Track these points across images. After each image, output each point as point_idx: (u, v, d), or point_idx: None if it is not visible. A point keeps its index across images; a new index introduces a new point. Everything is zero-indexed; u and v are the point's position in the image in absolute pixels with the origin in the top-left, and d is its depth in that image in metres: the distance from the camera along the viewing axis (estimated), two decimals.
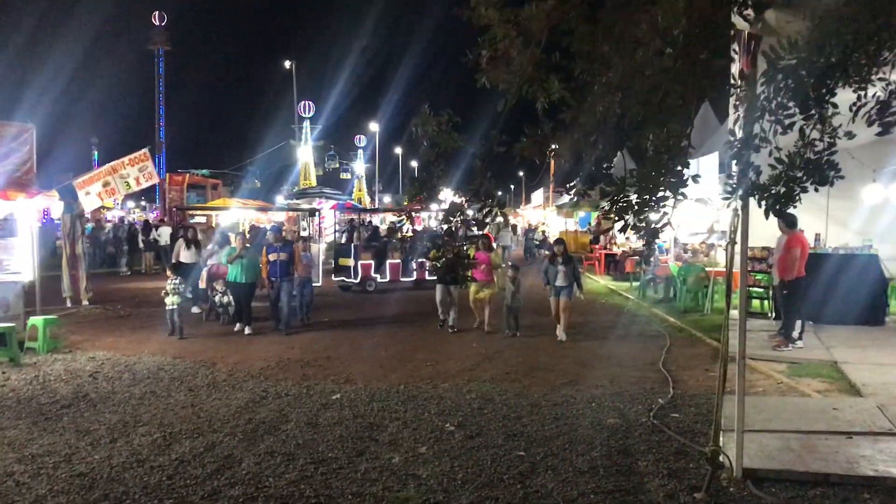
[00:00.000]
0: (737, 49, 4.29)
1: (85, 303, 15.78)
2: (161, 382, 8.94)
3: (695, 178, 3.27)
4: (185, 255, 14.53)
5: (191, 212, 27.31)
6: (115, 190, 12.96)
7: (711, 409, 7.46)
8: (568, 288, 12.11)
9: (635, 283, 18.93)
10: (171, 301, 12.05)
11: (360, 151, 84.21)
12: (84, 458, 6.21)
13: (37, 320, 11.01)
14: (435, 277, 13.87)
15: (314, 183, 59.43)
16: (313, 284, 14.80)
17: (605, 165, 3.18)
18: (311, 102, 67.86)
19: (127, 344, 11.54)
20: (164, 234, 25.50)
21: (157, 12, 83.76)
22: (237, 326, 12.67)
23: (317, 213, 26.06)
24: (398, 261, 19.59)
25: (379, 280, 19.29)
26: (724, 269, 14.12)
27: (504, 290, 12.68)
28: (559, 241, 13.25)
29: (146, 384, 8.86)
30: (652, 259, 17.37)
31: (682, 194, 3.25)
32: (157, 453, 6.34)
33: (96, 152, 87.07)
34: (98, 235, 26.92)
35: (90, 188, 12.96)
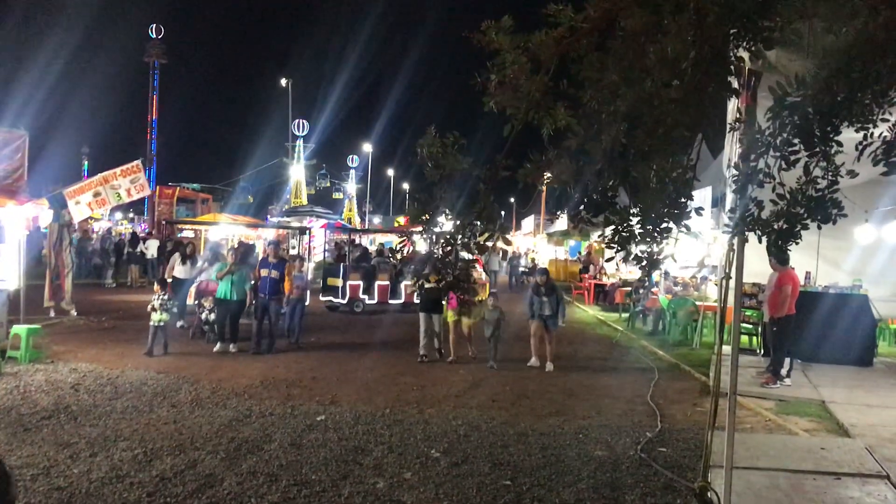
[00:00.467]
0: (738, 85, 4.30)
1: (73, 313, 15.63)
2: (143, 397, 8.81)
3: (698, 210, 3.27)
4: (179, 270, 14.41)
5: (180, 225, 27.16)
6: (105, 200, 12.87)
7: (699, 444, 7.44)
8: (553, 318, 11.96)
9: (624, 315, 18.93)
10: (157, 318, 11.72)
11: (352, 172, 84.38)
12: (63, 472, 6.08)
13: (20, 329, 10.87)
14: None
15: (305, 202, 59.37)
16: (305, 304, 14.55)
17: (609, 195, 3.17)
18: (305, 121, 67.98)
19: (110, 357, 11.39)
20: (151, 246, 25.34)
21: (154, 25, 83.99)
22: (217, 346, 12.43)
23: (307, 232, 25.99)
24: (387, 282, 19.51)
25: (367, 301, 19.21)
26: (714, 304, 14.19)
27: (485, 319, 12.23)
28: (542, 270, 13.15)
29: (128, 398, 8.73)
30: (642, 291, 17.39)
31: (686, 226, 3.24)
32: (137, 469, 6.23)
33: (86, 162, 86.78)
34: (85, 246, 26.71)
35: (80, 198, 12.87)
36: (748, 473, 6.38)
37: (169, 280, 13.60)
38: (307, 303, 14.82)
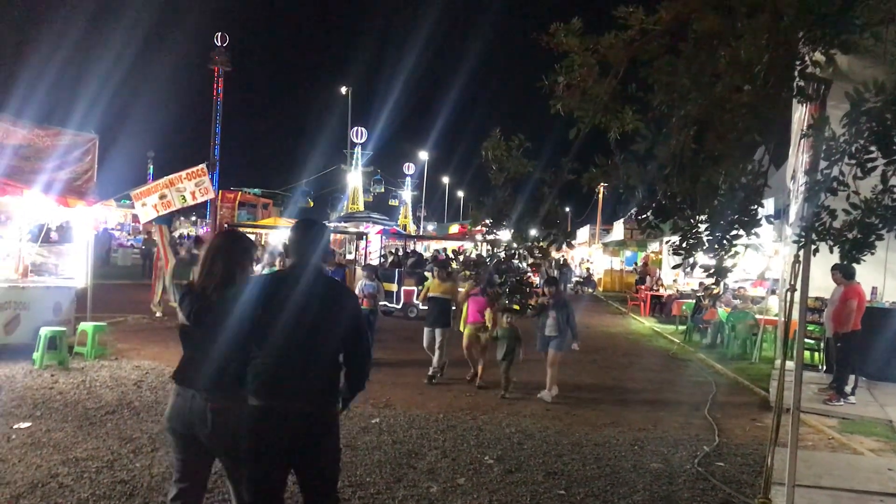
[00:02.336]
0: (809, 91, 4.20)
1: (158, 314, 16.20)
2: None
3: (769, 217, 3.20)
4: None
5: (241, 229, 27.68)
6: (171, 203, 13.15)
7: (758, 460, 7.28)
8: (558, 338, 10.11)
9: (681, 327, 18.62)
10: None
11: (408, 179, 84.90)
12: (126, 465, 6.23)
13: (87, 326, 11.20)
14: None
15: (362, 208, 59.95)
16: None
17: (678, 200, 3.11)
18: (363, 129, 68.70)
19: (171, 355, 11.63)
20: None
21: (219, 33, 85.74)
22: None
23: (363, 237, 26.22)
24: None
25: (421, 307, 19.27)
26: (775, 318, 13.84)
27: (499, 338, 10.38)
28: (551, 280, 11.30)
29: None
30: (706, 301, 17.00)
31: (756, 234, 3.16)
32: None
33: (151, 166, 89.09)
34: (149, 247, 27.40)
35: (146, 199, 13.18)
36: (811, 492, 6.20)
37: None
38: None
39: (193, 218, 66.65)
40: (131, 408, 8.20)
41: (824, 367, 12.18)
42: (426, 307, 11.88)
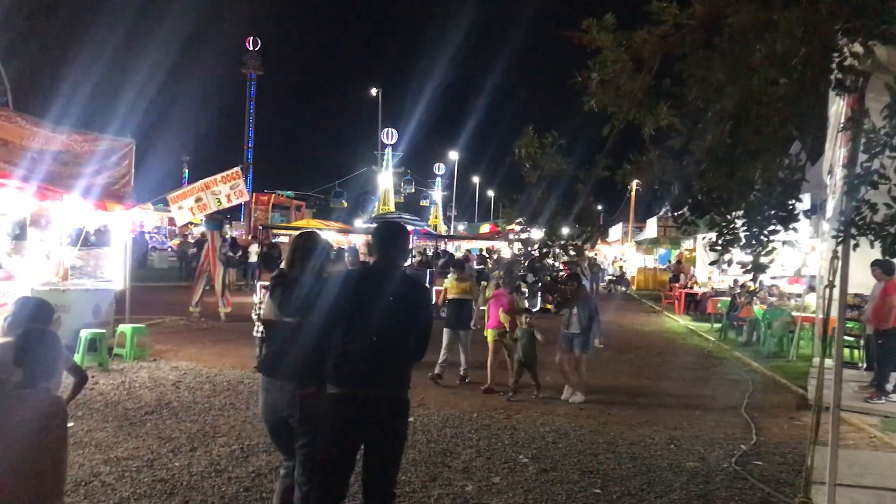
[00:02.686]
0: (848, 83, 4.14)
1: (195, 316, 16.40)
2: (240, 395, 9.08)
3: (807, 212, 3.16)
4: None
5: (274, 230, 27.97)
6: (206, 205, 13.36)
7: (797, 459, 7.18)
8: (581, 336, 9.86)
9: (716, 325, 18.42)
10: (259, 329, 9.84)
11: (438, 179, 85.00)
12: (165, 465, 6.33)
13: (126, 328, 11.39)
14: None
15: (393, 209, 60.15)
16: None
17: (715, 195, 3.08)
18: (393, 130, 68.91)
19: (208, 356, 11.80)
20: (252, 250, 26.12)
21: (251, 37, 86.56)
22: None
23: None
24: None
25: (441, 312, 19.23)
26: (813, 315, 13.63)
27: (515, 339, 10.13)
28: (572, 276, 9.80)
29: (226, 396, 9.02)
30: (742, 299, 16.79)
31: (794, 229, 3.12)
32: (234, 464, 6.42)
33: (186, 170, 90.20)
34: (185, 250, 27.79)
35: (183, 203, 13.40)
36: (852, 491, 6.10)
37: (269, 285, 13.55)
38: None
39: (228, 219, 67.39)
40: (170, 408, 8.32)
41: (864, 365, 11.96)
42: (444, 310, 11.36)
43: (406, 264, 6.89)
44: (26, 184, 10.26)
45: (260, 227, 30.13)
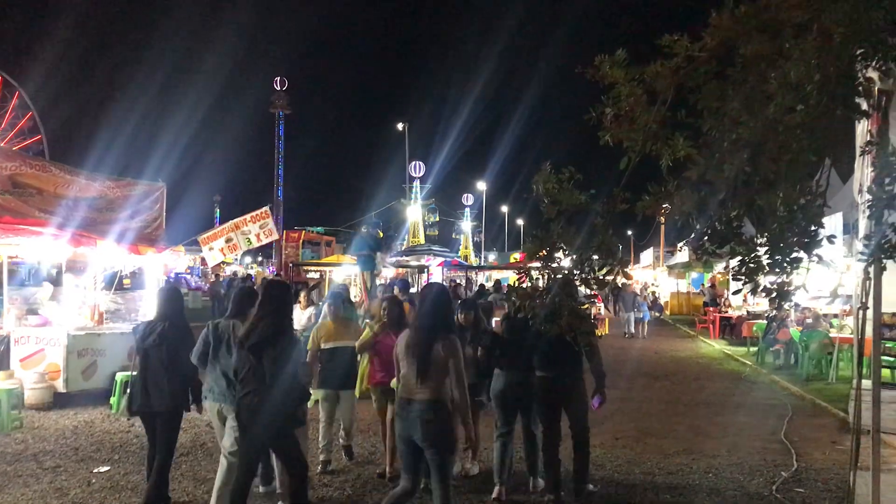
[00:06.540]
0: (868, 106, 4.12)
1: None
2: None
3: (830, 238, 3.13)
4: (297, 316, 14.15)
5: (306, 267, 28.21)
6: (237, 246, 13.53)
7: (839, 485, 7.01)
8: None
9: (752, 348, 18.14)
10: None
11: (467, 210, 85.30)
12: None
13: None
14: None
15: (423, 241, 60.39)
16: None
17: (734, 224, 3.07)
18: (421, 163, 69.47)
19: None
20: None
21: (278, 77, 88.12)
22: None
23: (425, 270, 26.40)
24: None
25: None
26: (851, 336, 13.37)
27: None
28: (466, 303, 8.18)
29: None
30: (775, 324, 16.54)
31: (818, 255, 3.10)
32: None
33: (218, 210, 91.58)
34: (217, 289, 28.12)
35: (213, 244, 13.59)
36: None
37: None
38: None
39: (260, 258, 68.11)
40: (204, 448, 8.37)
41: None
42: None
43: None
44: (62, 231, 10.50)
45: (290, 265, 30.39)
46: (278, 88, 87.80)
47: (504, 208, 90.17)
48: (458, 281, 30.93)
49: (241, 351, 5.54)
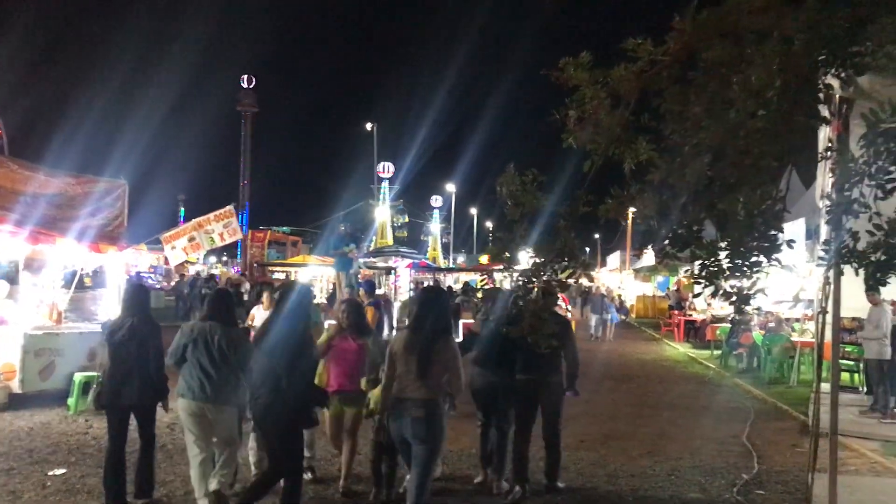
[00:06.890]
0: (828, 112, 4.17)
1: None
2: None
3: (789, 242, 3.16)
4: (260, 316, 13.98)
5: (271, 268, 27.95)
6: (199, 245, 13.34)
7: (800, 487, 7.10)
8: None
9: (716, 352, 18.34)
10: None
11: (436, 212, 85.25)
12: None
13: None
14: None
15: (391, 242, 60.23)
16: None
17: (695, 228, 3.09)
18: (390, 164, 69.27)
19: None
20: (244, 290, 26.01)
21: (245, 75, 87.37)
22: None
23: (392, 272, 26.32)
24: (471, 321, 19.43)
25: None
26: (812, 340, 13.59)
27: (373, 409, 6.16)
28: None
29: None
30: (741, 328, 16.75)
31: (777, 260, 3.12)
32: None
33: (182, 208, 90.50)
34: (182, 289, 27.74)
35: (176, 243, 13.38)
36: None
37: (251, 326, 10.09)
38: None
39: (224, 258, 67.41)
40: (164, 451, 8.23)
41: (865, 389, 11.90)
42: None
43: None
44: (19, 228, 10.25)
45: (255, 265, 30.11)
46: (245, 86, 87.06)
47: (473, 210, 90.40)
48: (425, 283, 30.86)
49: (255, 351, 5.73)
